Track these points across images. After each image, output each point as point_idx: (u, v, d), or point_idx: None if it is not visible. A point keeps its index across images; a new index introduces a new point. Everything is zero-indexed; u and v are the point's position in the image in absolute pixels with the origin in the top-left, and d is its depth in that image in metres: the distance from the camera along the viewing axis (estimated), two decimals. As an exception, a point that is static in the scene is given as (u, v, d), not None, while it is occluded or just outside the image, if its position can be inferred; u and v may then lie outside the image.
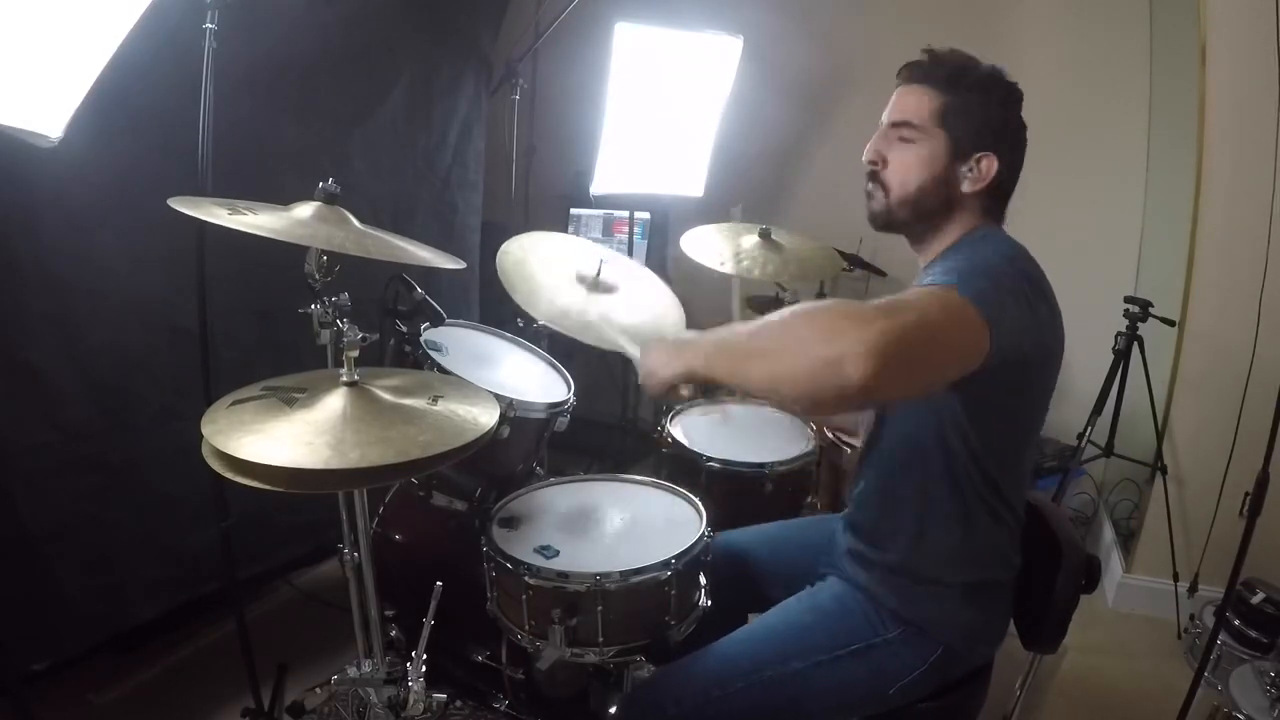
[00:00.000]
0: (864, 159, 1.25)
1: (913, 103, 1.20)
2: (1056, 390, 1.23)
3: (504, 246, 1.77)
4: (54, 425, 1.80)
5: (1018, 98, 1.20)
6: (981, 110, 1.17)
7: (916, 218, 1.23)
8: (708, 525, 1.44)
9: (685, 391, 1.16)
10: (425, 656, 1.34)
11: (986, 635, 1.29)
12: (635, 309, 1.83)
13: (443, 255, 1.40)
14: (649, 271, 1.96)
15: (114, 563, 1.93)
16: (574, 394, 1.73)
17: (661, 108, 2.66)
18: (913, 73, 1.21)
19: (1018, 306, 1.05)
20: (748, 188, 3.21)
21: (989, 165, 1.18)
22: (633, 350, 1.30)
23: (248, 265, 1.90)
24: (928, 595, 1.24)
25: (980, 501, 1.21)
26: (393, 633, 1.60)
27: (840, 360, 0.88)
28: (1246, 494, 1.79)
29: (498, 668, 1.59)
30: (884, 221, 1.25)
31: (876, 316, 0.90)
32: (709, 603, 1.43)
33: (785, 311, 0.99)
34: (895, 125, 1.22)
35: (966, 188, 1.19)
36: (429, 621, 1.34)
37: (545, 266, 1.80)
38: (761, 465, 1.81)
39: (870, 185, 1.25)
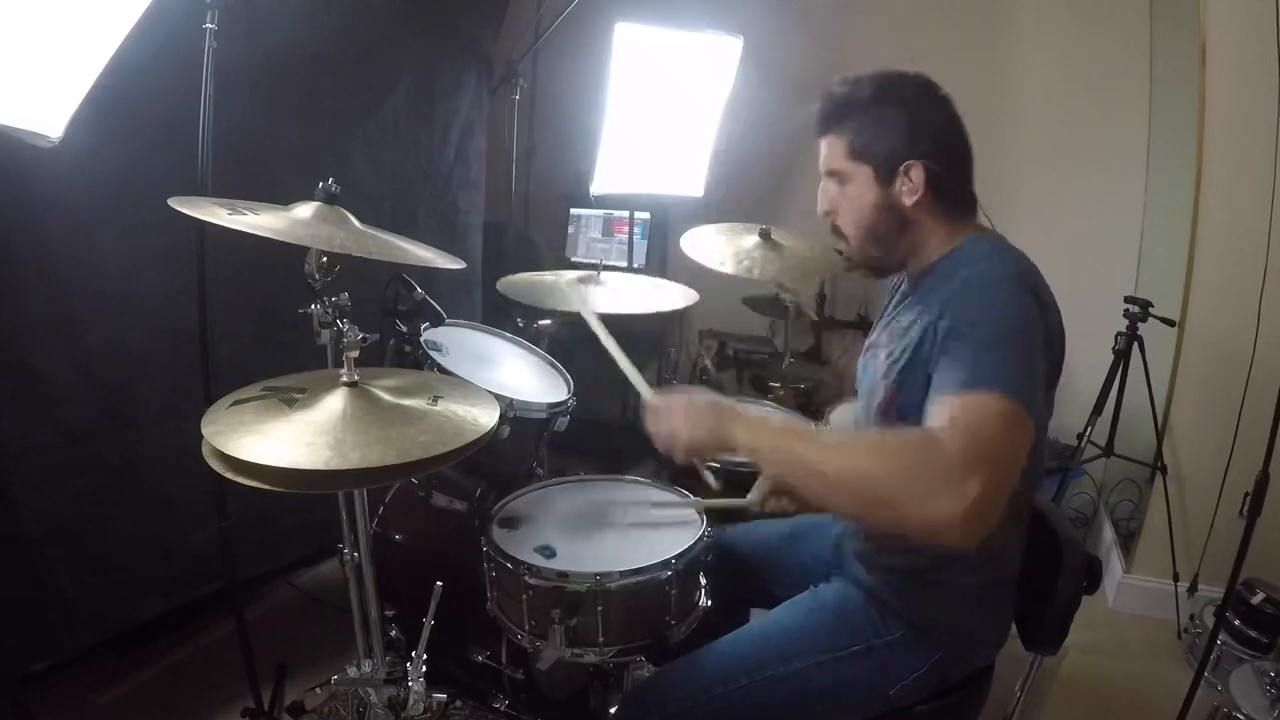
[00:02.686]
0: (819, 213, 1.28)
1: (829, 153, 1.23)
2: (1057, 390, 1.23)
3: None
4: (54, 425, 1.80)
5: (914, 90, 1.18)
6: (882, 126, 1.17)
7: (884, 249, 1.24)
8: (708, 525, 1.44)
9: (712, 481, 1.19)
10: (425, 656, 1.34)
11: (988, 637, 1.29)
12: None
13: (442, 255, 1.40)
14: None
15: (114, 563, 1.93)
16: (574, 394, 1.73)
17: (661, 108, 2.66)
18: (818, 124, 1.23)
19: (1039, 354, 1.06)
20: (748, 188, 3.21)
21: (916, 173, 1.17)
22: (645, 391, 1.30)
23: (248, 265, 1.90)
24: (931, 597, 1.23)
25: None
26: (393, 633, 1.60)
27: (941, 532, 0.92)
28: (1246, 494, 1.79)
29: (498, 668, 1.59)
30: (865, 263, 1.27)
31: (965, 474, 0.91)
32: (709, 603, 1.43)
33: (862, 446, 1.02)
34: (827, 175, 1.25)
35: (908, 202, 1.18)
36: (429, 621, 1.34)
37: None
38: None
39: (836, 236, 1.28)
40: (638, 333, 2.32)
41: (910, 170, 1.16)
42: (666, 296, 1.92)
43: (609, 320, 1.46)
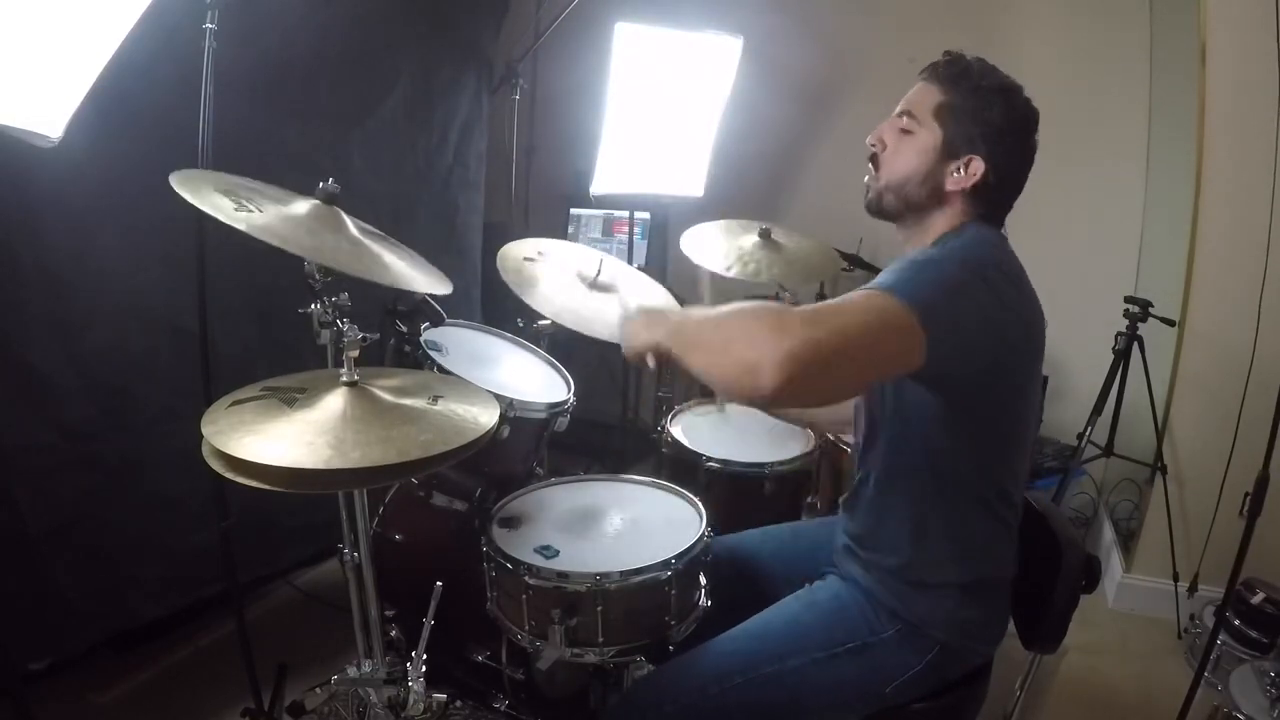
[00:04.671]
0: (867, 141, 1.28)
1: (919, 97, 1.24)
2: (1056, 390, 1.24)
3: (503, 250, 1.79)
4: (54, 425, 1.80)
5: (1024, 114, 1.21)
6: (979, 114, 1.19)
7: (903, 206, 1.25)
8: (708, 525, 1.44)
9: (650, 364, 1.16)
10: (425, 656, 1.34)
11: (984, 634, 1.29)
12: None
13: (430, 277, 1.39)
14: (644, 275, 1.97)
15: (114, 563, 1.93)
16: (574, 394, 1.73)
17: (661, 108, 2.65)
18: (930, 70, 1.25)
19: (965, 301, 1.06)
20: (748, 188, 3.21)
21: (975, 168, 1.19)
22: (630, 307, 1.28)
23: (248, 265, 1.91)
24: (925, 594, 1.24)
25: (976, 499, 1.21)
26: (393, 633, 1.60)
27: (755, 367, 0.91)
28: (1246, 494, 1.79)
29: (498, 668, 1.58)
30: (875, 206, 1.28)
31: (798, 326, 0.92)
32: (709, 603, 1.43)
33: (733, 307, 1.01)
34: (900, 114, 1.26)
35: (950, 185, 1.21)
36: (429, 621, 1.34)
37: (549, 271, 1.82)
38: (761, 465, 1.81)
39: (869, 167, 1.29)
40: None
41: (971, 163, 1.19)
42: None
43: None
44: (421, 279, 1.37)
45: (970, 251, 1.14)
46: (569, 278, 1.85)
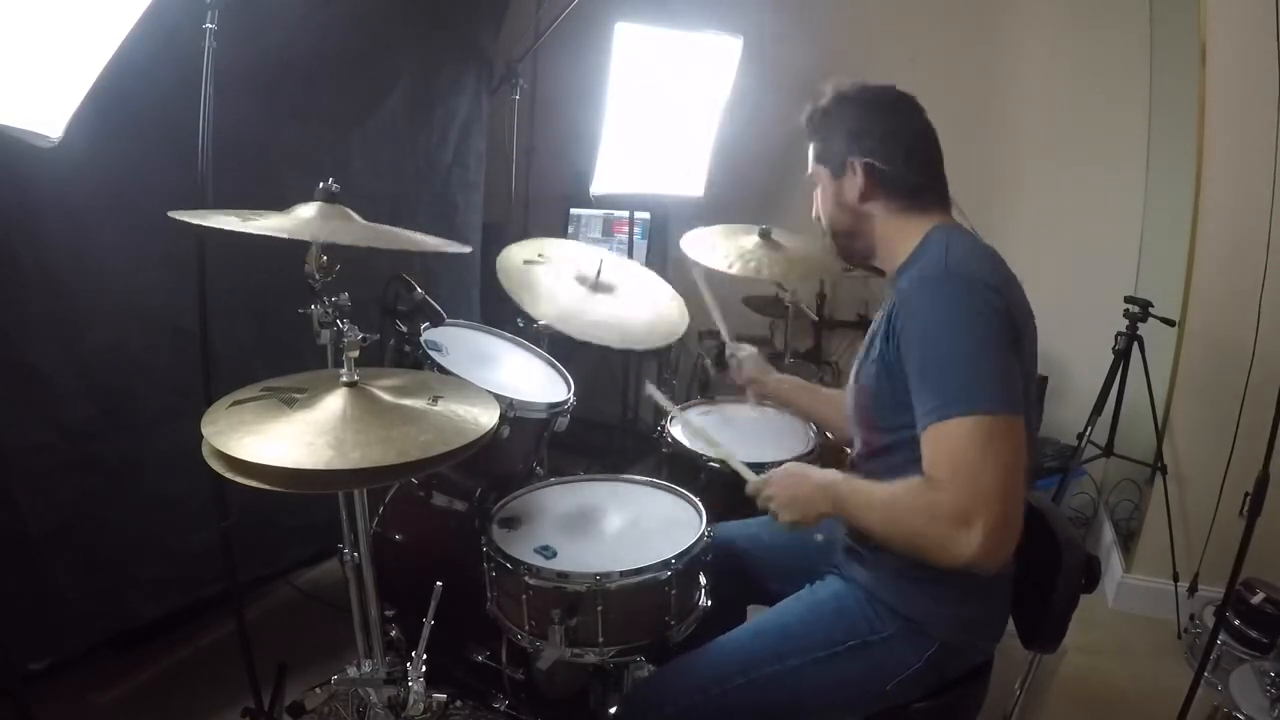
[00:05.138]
0: (812, 215, 1.40)
1: (810, 158, 1.35)
2: (1056, 390, 1.25)
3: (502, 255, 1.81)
4: (54, 425, 1.80)
5: (869, 98, 1.27)
6: (835, 131, 1.28)
7: (850, 242, 1.35)
8: (708, 525, 1.44)
9: (818, 538, 1.32)
10: (425, 656, 1.34)
11: (984, 632, 1.29)
12: (632, 310, 1.83)
13: (445, 241, 1.40)
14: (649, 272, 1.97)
15: (114, 563, 1.93)
16: (574, 394, 1.73)
17: (661, 108, 2.66)
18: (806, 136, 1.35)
19: (1006, 345, 1.10)
20: (748, 188, 3.21)
21: (858, 169, 1.26)
22: (750, 475, 1.38)
23: (248, 265, 1.91)
24: (925, 592, 1.24)
25: None
26: (393, 633, 1.60)
27: (967, 564, 1.03)
28: (1246, 494, 1.79)
29: (498, 668, 1.59)
30: (842, 258, 1.40)
31: (968, 517, 1.02)
32: (709, 603, 1.43)
33: (883, 513, 1.15)
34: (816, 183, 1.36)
35: (854, 196, 1.28)
36: (429, 621, 1.34)
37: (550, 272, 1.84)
38: (761, 465, 1.80)
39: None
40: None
41: (853, 166, 1.26)
42: (666, 320, 1.93)
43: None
44: (437, 243, 1.38)
45: (958, 282, 1.13)
46: (570, 281, 1.86)
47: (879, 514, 1.15)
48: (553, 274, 1.87)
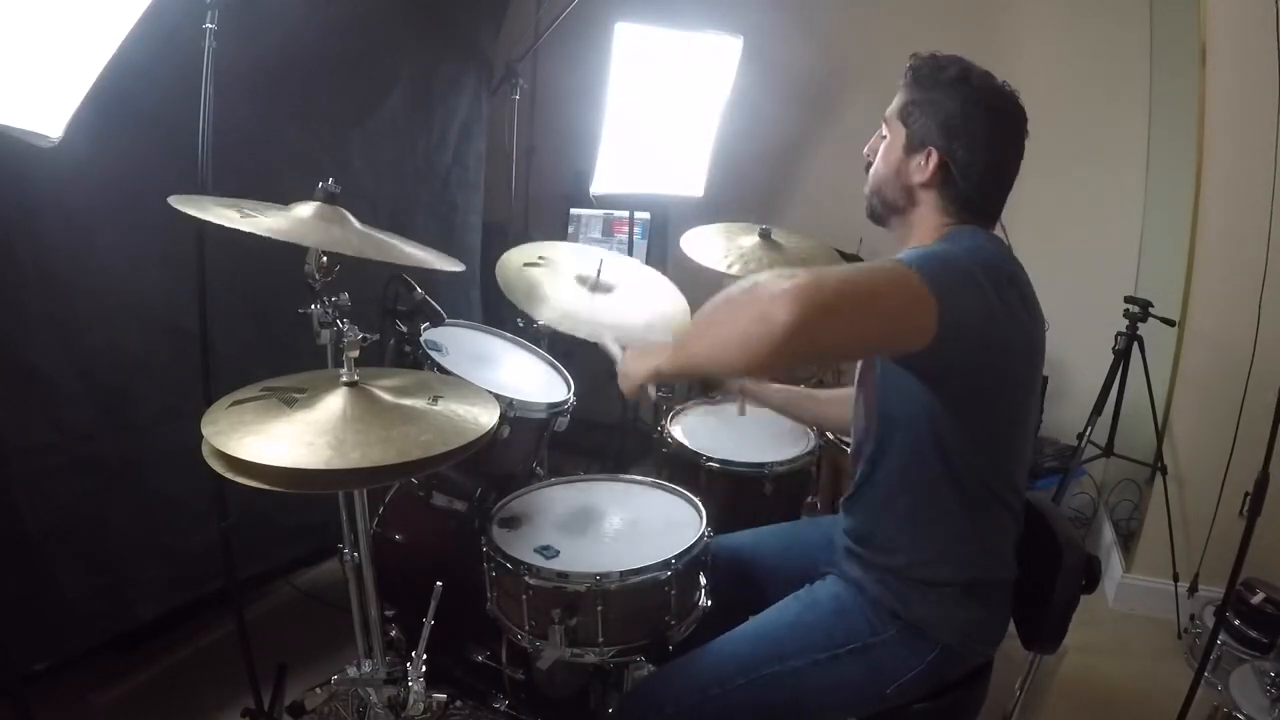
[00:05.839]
0: (864, 152, 1.34)
1: (893, 103, 1.28)
2: (1056, 390, 1.24)
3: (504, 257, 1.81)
4: (54, 425, 1.80)
5: (987, 101, 1.20)
6: (937, 107, 1.21)
7: (885, 208, 1.30)
8: (708, 525, 1.44)
9: (652, 392, 1.24)
10: (425, 656, 1.34)
11: (985, 635, 1.29)
12: (632, 309, 1.84)
13: (442, 257, 1.40)
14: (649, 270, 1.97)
15: (114, 563, 1.93)
16: (574, 394, 1.73)
17: (661, 108, 2.65)
18: (903, 74, 1.27)
19: (974, 291, 1.06)
20: (748, 188, 3.21)
21: (932, 160, 1.21)
22: (615, 352, 1.36)
23: (248, 266, 1.90)
24: (925, 595, 1.24)
25: (977, 500, 1.21)
26: (393, 633, 1.60)
27: (765, 312, 0.93)
28: (1246, 494, 1.79)
29: (498, 668, 1.59)
30: (868, 212, 1.34)
31: (800, 274, 0.94)
32: (709, 603, 1.43)
33: (723, 293, 1.04)
34: (884, 120, 1.30)
35: (916, 180, 1.24)
36: (429, 621, 1.34)
37: (550, 274, 1.83)
38: (761, 465, 1.81)
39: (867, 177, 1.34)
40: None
41: (929, 155, 1.21)
42: (665, 314, 1.93)
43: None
44: (433, 259, 1.38)
45: (976, 254, 1.13)
46: (570, 283, 1.86)
47: (717, 302, 1.05)
48: (552, 275, 1.87)
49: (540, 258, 1.90)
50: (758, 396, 1.75)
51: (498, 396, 1.37)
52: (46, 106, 1.19)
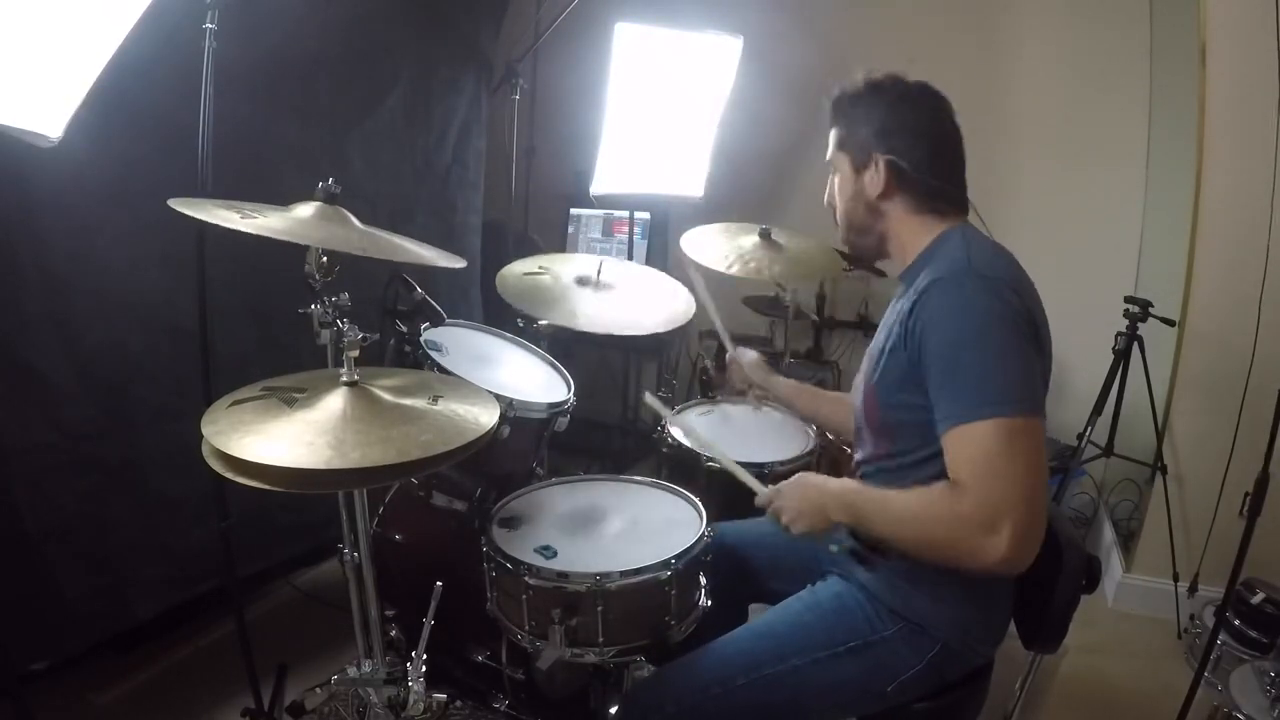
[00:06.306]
0: (824, 201, 1.38)
1: (830, 142, 1.33)
2: (1057, 390, 1.24)
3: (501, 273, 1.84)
4: (54, 425, 1.80)
5: (901, 94, 1.25)
6: (864, 121, 1.26)
7: (862, 237, 1.33)
8: (708, 525, 1.44)
9: (833, 548, 1.28)
10: (425, 656, 1.34)
11: (986, 634, 1.29)
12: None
13: (444, 254, 1.40)
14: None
15: (114, 563, 1.93)
16: (574, 394, 1.73)
17: (661, 108, 2.65)
18: (830, 119, 1.33)
19: (1027, 345, 1.10)
20: (748, 188, 3.21)
21: (881, 166, 1.24)
22: (759, 488, 1.35)
23: (248, 265, 1.91)
24: (926, 594, 1.24)
25: None
26: (393, 633, 1.60)
27: (994, 568, 1.03)
28: (1246, 494, 1.79)
29: (498, 668, 1.59)
30: (852, 253, 1.38)
31: (993, 523, 1.02)
32: (709, 603, 1.43)
33: (900, 518, 1.14)
34: (831, 165, 1.35)
35: (874, 193, 1.26)
36: (429, 621, 1.33)
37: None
38: (761, 465, 1.80)
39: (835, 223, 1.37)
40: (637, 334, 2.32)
41: (877, 163, 1.24)
42: (668, 308, 1.93)
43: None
44: (434, 257, 1.38)
45: (982, 282, 1.12)
46: (571, 285, 1.87)
47: (897, 523, 1.14)
48: (552, 280, 1.88)
49: (540, 267, 1.91)
50: (764, 386, 1.76)
51: (498, 396, 1.37)
52: (46, 106, 1.19)
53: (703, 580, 1.43)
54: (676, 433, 1.89)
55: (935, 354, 1.11)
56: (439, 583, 1.34)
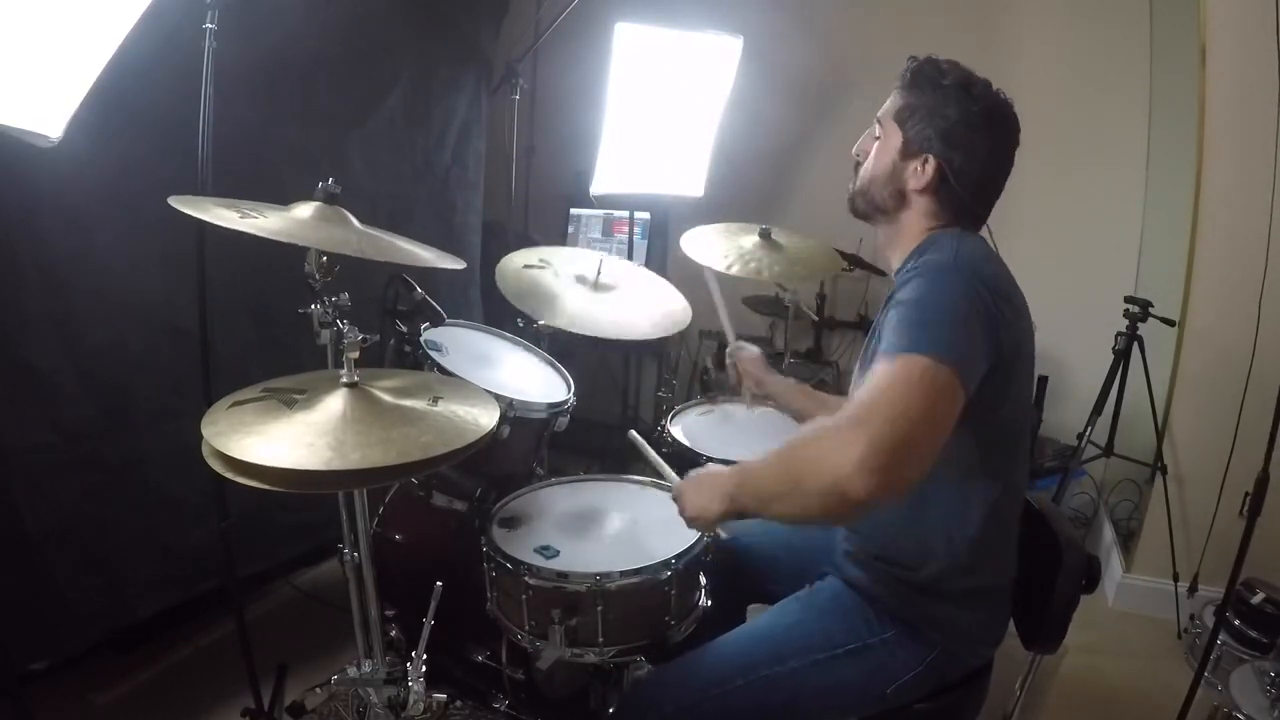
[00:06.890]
0: (852, 151, 1.35)
1: (888, 104, 1.28)
2: (1056, 390, 1.24)
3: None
4: (54, 425, 1.80)
5: (984, 109, 1.21)
6: (935, 113, 1.22)
7: (871, 208, 1.30)
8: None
9: (724, 533, 1.26)
10: (425, 656, 1.34)
11: (985, 637, 1.29)
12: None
13: (444, 255, 1.40)
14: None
15: (114, 562, 1.93)
16: (574, 394, 1.73)
17: (661, 108, 2.65)
18: (899, 76, 1.28)
19: (980, 325, 1.07)
20: (748, 188, 3.21)
21: (929, 168, 1.22)
22: (673, 480, 1.35)
23: (248, 266, 1.90)
24: (926, 596, 1.24)
25: (976, 503, 1.21)
26: (393, 633, 1.60)
27: (836, 490, 0.93)
28: (1246, 494, 1.79)
29: (498, 668, 1.59)
30: (850, 208, 1.35)
31: (855, 431, 0.94)
32: (709, 603, 1.43)
33: (782, 448, 1.05)
34: (877, 120, 1.30)
35: (911, 185, 1.24)
36: (429, 621, 1.33)
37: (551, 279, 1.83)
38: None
39: (853, 174, 1.34)
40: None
41: (926, 162, 1.22)
42: (667, 309, 1.93)
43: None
44: (434, 257, 1.38)
45: (959, 273, 1.12)
46: (570, 283, 1.87)
47: (779, 460, 1.06)
48: (554, 278, 1.88)
49: (540, 260, 1.91)
50: (761, 383, 1.76)
51: (498, 397, 1.37)
52: (46, 106, 1.19)
53: (702, 580, 1.44)
54: (677, 432, 1.89)
55: (895, 312, 1.09)
56: (439, 583, 1.34)
